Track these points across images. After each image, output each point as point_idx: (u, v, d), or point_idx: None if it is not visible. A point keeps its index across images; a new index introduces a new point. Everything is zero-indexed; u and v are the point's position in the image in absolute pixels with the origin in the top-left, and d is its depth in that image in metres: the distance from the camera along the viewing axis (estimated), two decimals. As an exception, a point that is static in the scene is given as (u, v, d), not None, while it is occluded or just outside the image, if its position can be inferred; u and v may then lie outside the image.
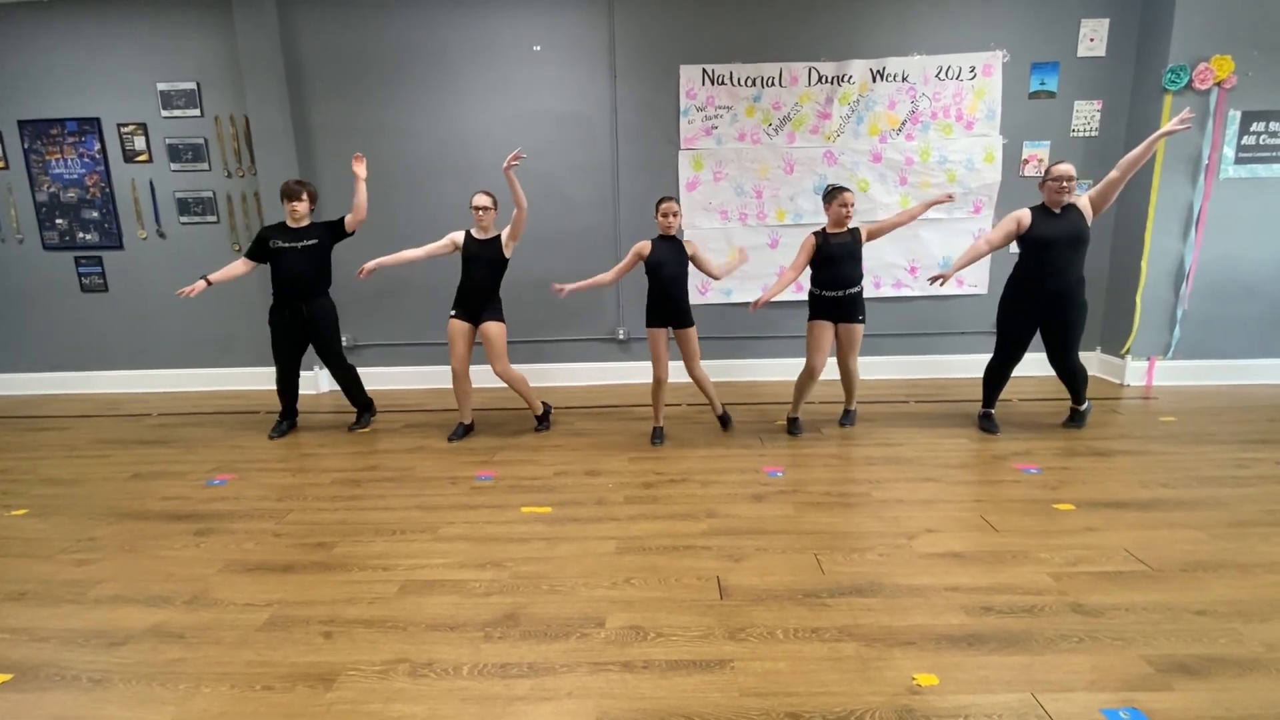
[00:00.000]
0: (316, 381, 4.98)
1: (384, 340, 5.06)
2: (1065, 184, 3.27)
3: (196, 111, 4.71)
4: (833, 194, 3.45)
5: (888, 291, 4.87)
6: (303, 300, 3.76)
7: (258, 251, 3.76)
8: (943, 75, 4.58)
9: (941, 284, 3.42)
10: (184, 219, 4.88)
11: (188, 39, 4.62)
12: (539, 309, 4.94)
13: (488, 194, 3.64)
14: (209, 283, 3.73)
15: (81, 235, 4.92)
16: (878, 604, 2.06)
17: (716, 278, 3.63)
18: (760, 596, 2.12)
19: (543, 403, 3.98)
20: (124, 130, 4.77)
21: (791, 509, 2.76)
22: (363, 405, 4.13)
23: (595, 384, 4.97)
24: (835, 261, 3.45)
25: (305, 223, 3.76)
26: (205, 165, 4.80)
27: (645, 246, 3.45)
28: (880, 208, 4.75)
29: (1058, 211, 3.35)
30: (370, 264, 3.64)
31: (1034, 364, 4.96)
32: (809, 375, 3.56)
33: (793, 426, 3.72)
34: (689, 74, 4.59)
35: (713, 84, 4.60)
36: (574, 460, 3.41)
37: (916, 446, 3.49)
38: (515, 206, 3.50)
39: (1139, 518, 2.62)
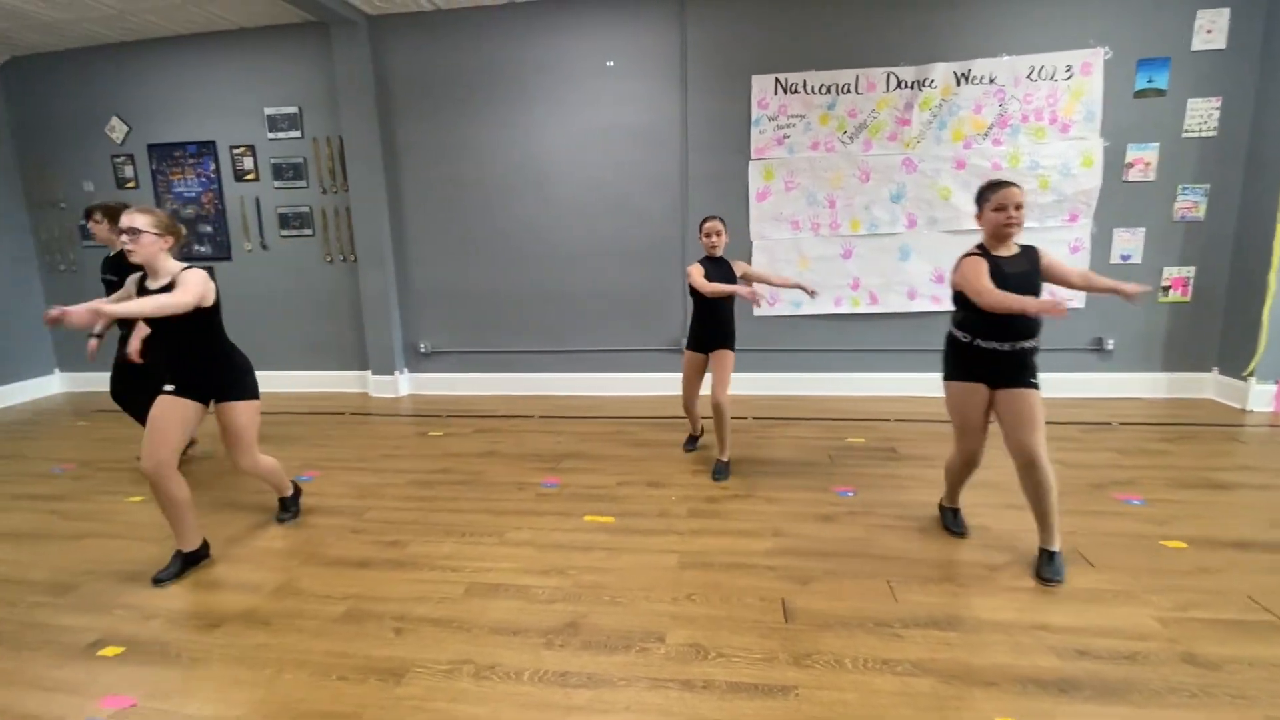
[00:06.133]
0: (396, 385, 5.24)
1: (456, 348, 5.26)
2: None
3: (298, 133, 5.09)
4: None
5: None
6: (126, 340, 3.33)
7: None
8: (1035, 76, 4.32)
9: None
10: (284, 232, 5.27)
11: (291, 66, 5.01)
12: (602, 319, 5.00)
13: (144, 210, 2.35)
14: (99, 338, 3.34)
15: (197, 247, 5.40)
16: (956, 638, 1.94)
17: (775, 285, 3.47)
18: (828, 622, 2.04)
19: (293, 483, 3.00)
20: (235, 151, 5.21)
21: (862, 531, 2.64)
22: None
23: (658, 394, 4.96)
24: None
25: (116, 250, 3.27)
26: (304, 183, 5.17)
27: (697, 270, 3.20)
28: (964, 216, 4.51)
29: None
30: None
31: (1139, 384, 4.57)
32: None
33: (951, 520, 2.69)
34: (761, 84, 4.54)
35: (785, 93, 4.53)
36: (636, 471, 3.41)
37: (1001, 470, 3.24)
38: None
39: (1266, 561, 2.34)
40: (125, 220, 2.31)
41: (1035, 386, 2.28)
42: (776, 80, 4.51)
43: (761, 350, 4.81)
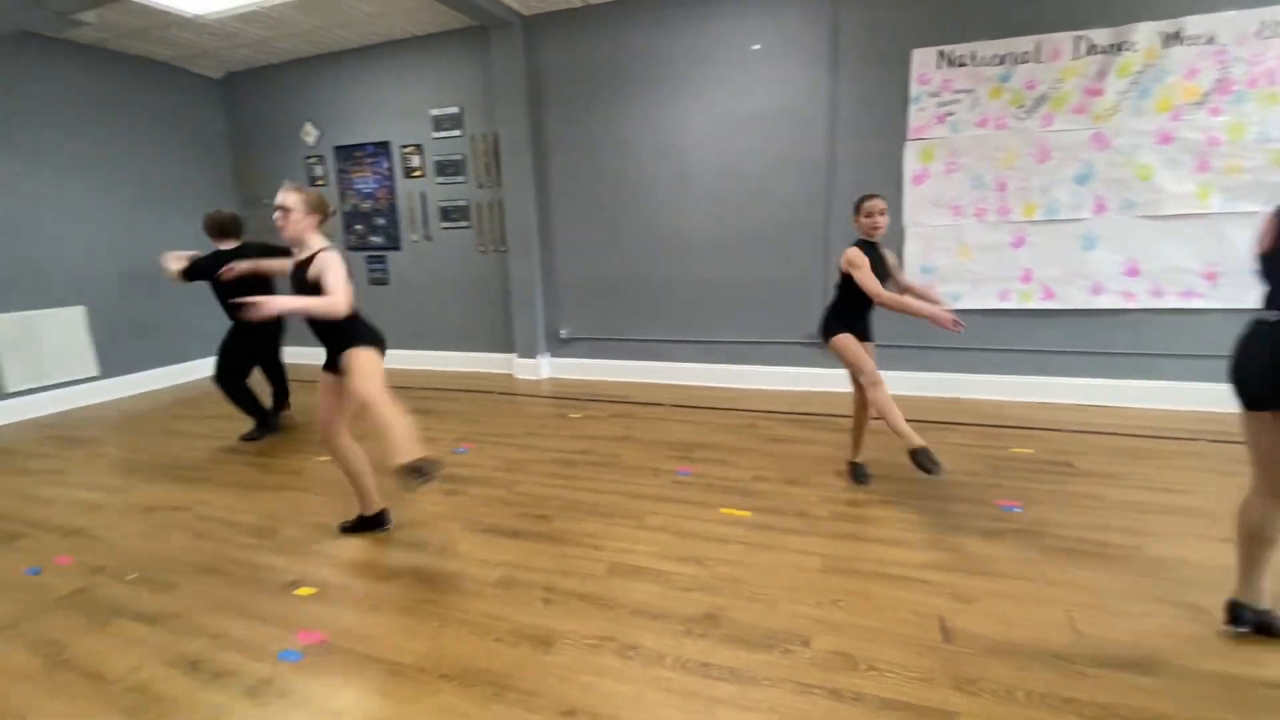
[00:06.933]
0: (538, 368, 5.52)
1: (594, 335, 5.43)
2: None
3: (459, 132, 5.48)
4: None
5: (1173, 302, 3.97)
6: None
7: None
8: (1268, 32, 3.60)
9: None
10: (444, 224, 5.73)
11: (454, 69, 5.39)
12: (738, 309, 4.91)
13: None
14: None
15: (372, 238, 6.02)
16: (1158, 686, 1.68)
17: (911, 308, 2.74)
18: (994, 648, 1.85)
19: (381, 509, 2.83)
20: (405, 150, 5.72)
21: (1035, 552, 2.37)
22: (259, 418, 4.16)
23: (793, 389, 4.79)
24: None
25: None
26: (463, 178, 5.57)
27: (861, 259, 2.80)
28: (1169, 199, 3.89)
29: None
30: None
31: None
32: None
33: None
34: (922, 58, 4.19)
35: (950, 66, 4.15)
36: (772, 467, 3.31)
37: (1207, 496, 2.79)
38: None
39: None
40: (278, 198, 2.44)
41: None
42: (940, 53, 4.14)
43: (913, 347, 4.47)
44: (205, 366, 6.02)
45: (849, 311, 2.95)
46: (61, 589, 2.38)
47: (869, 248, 2.86)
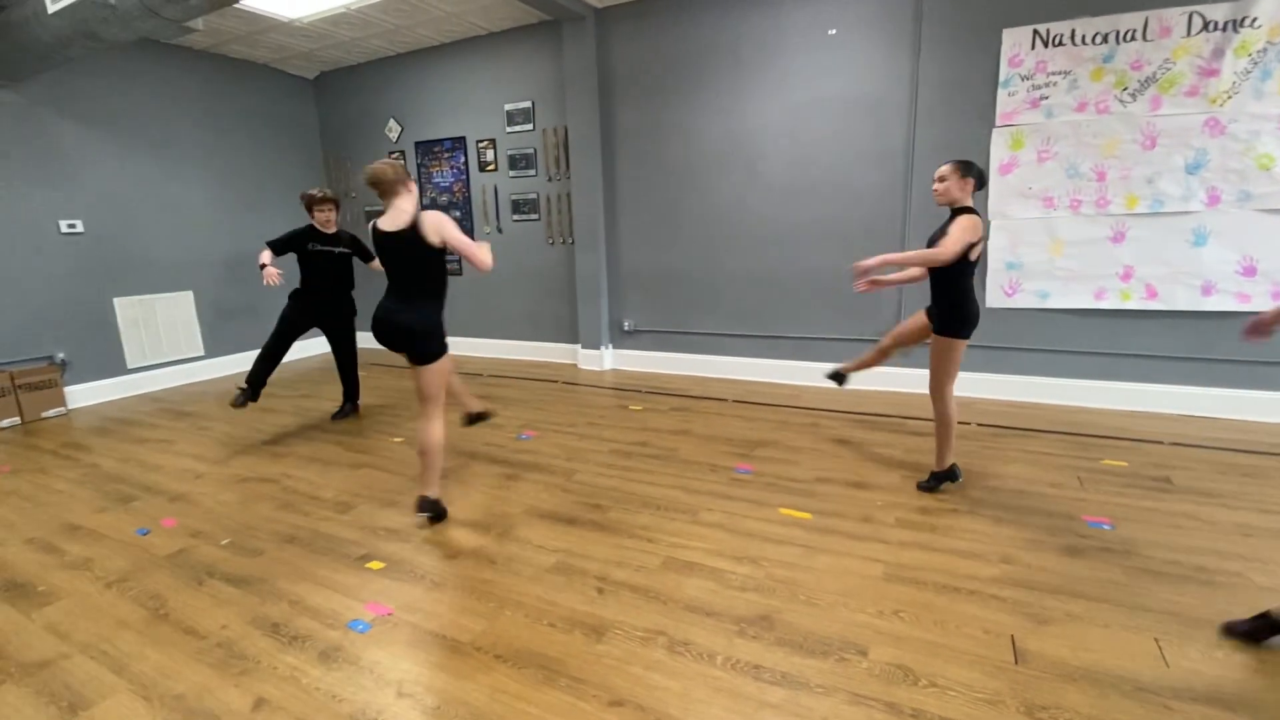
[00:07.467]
0: (601, 359, 5.58)
1: (657, 327, 5.43)
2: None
3: (530, 126, 5.59)
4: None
5: (1299, 305, 3.56)
6: (333, 298, 4.18)
7: (285, 247, 3.92)
8: None
9: None
10: (515, 217, 5.87)
11: (526, 65, 5.49)
12: (806, 304, 4.78)
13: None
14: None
15: (446, 229, 6.24)
16: (1262, 730, 1.52)
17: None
18: (1071, 674, 1.73)
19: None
20: (480, 145, 5.89)
21: (1120, 574, 2.20)
22: (351, 398, 4.51)
23: (861, 388, 4.63)
24: None
25: (334, 229, 4.04)
26: (533, 171, 5.68)
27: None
28: (1296, 190, 3.49)
29: None
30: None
31: None
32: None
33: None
34: (1014, 38, 3.91)
35: (1046, 46, 3.86)
36: (837, 469, 3.22)
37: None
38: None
39: None
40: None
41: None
42: (1035, 32, 3.86)
43: (995, 348, 4.22)
44: (295, 348, 6.44)
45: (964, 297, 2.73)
46: (166, 549, 2.61)
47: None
